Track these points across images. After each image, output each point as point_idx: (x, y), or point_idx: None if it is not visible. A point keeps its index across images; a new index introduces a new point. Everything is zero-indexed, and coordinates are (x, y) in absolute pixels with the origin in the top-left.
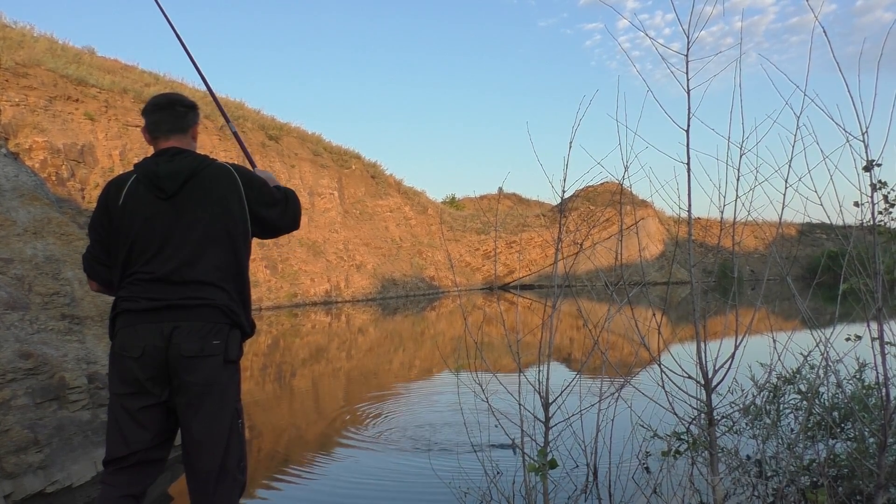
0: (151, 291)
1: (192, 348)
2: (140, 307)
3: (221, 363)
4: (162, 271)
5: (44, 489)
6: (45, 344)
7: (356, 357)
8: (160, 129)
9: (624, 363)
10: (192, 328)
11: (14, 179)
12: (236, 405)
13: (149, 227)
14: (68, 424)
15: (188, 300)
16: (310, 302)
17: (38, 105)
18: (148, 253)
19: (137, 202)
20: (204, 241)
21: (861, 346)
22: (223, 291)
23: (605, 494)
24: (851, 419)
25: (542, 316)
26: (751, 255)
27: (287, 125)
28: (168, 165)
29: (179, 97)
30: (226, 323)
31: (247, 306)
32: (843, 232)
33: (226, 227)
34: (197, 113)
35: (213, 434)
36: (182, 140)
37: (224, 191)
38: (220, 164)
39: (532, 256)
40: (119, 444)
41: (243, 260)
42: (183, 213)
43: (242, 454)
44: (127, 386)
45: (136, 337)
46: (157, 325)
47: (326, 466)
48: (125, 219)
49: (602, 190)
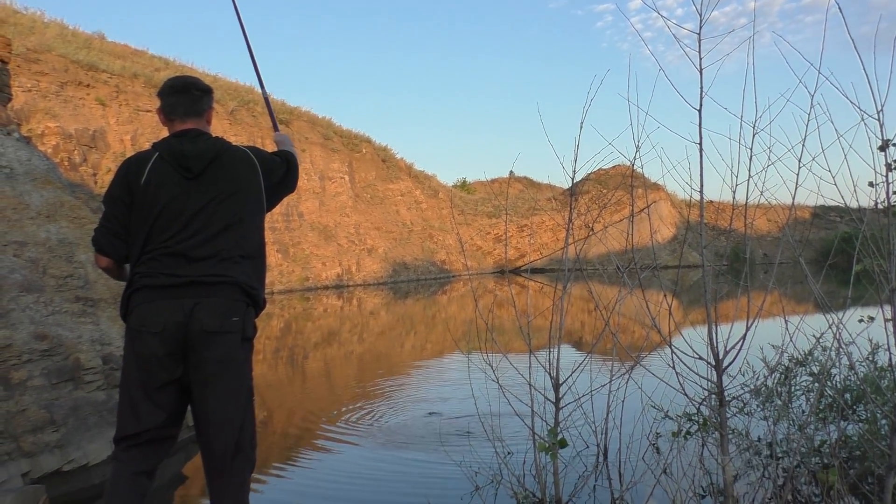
0: (173, 268)
1: (213, 324)
2: (160, 283)
3: (239, 340)
4: (185, 248)
5: (60, 468)
6: (60, 326)
7: (368, 340)
8: (176, 112)
9: (635, 346)
10: (213, 304)
11: (27, 164)
12: (250, 384)
13: (174, 205)
14: (84, 405)
15: (210, 277)
16: (321, 286)
17: (50, 90)
18: (171, 230)
19: (162, 180)
20: (226, 220)
21: (874, 328)
22: (243, 269)
23: (615, 474)
24: (863, 401)
25: (553, 299)
26: (763, 239)
27: (297, 109)
28: (193, 146)
29: (195, 81)
30: (244, 301)
31: (263, 284)
32: (858, 215)
33: (246, 207)
34: (211, 97)
35: (229, 412)
36: (198, 123)
37: (244, 173)
38: (238, 147)
39: (543, 240)
40: (131, 421)
41: (262, 239)
42: (207, 192)
43: (254, 432)
44: (143, 362)
45: (157, 313)
46: (178, 301)
47: (336, 447)
48: (148, 195)
49: (614, 173)
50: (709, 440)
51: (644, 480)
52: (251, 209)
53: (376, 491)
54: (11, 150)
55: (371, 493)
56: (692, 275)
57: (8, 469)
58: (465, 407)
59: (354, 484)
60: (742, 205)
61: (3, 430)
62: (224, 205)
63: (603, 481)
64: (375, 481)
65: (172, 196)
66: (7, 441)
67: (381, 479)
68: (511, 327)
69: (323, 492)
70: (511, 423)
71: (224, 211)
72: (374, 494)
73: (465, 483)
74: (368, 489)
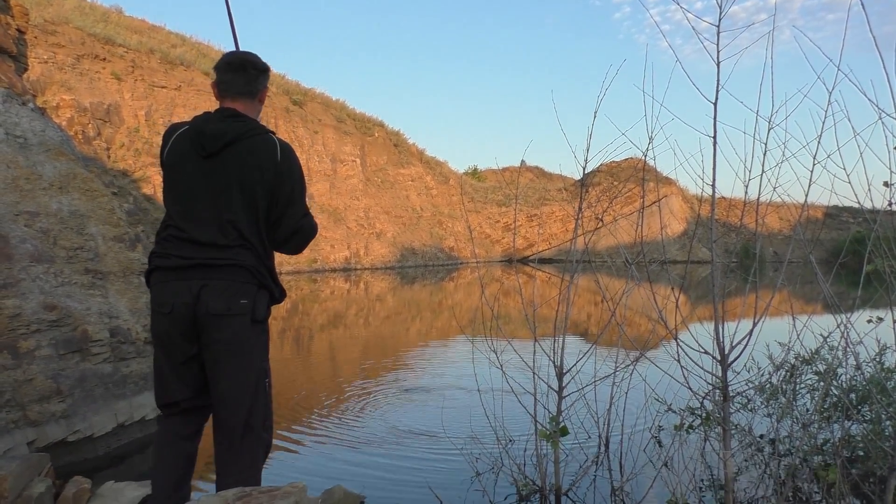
0: (183, 249)
1: (219, 306)
2: (171, 264)
3: (249, 323)
4: (194, 230)
5: (66, 438)
6: (69, 297)
7: (373, 324)
8: (229, 91)
9: (640, 339)
10: (219, 287)
11: (41, 134)
12: (263, 365)
13: (186, 185)
14: (90, 376)
15: (218, 259)
16: (329, 268)
17: (66, 63)
18: (182, 210)
19: (179, 157)
20: (233, 206)
21: (882, 329)
22: (251, 254)
23: (615, 465)
24: (869, 402)
25: (560, 289)
26: (774, 236)
27: (311, 91)
28: (216, 126)
29: (254, 58)
30: (253, 283)
31: (273, 272)
32: (871, 215)
33: (254, 195)
34: (267, 76)
35: (238, 392)
36: (248, 104)
37: (260, 161)
38: (270, 136)
39: (552, 230)
40: (161, 392)
41: (268, 230)
42: (217, 174)
43: (268, 414)
44: (160, 340)
45: (167, 293)
46: (186, 282)
47: (335, 431)
48: (169, 171)
49: (626, 166)
50: (711, 435)
51: (645, 472)
52: (260, 197)
53: (376, 476)
54: (26, 121)
55: (371, 477)
56: (701, 270)
57: (14, 437)
58: (468, 393)
59: (354, 468)
60: (754, 201)
61: (10, 398)
62: (233, 188)
63: (603, 472)
64: (375, 466)
65: (186, 174)
66: (14, 409)
67: (381, 464)
68: (517, 316)
69: (322, 475)
70: (513, 410)
71: (232, 195)
72: (374, 479)
73: (466, 469)
74: (368, 474)
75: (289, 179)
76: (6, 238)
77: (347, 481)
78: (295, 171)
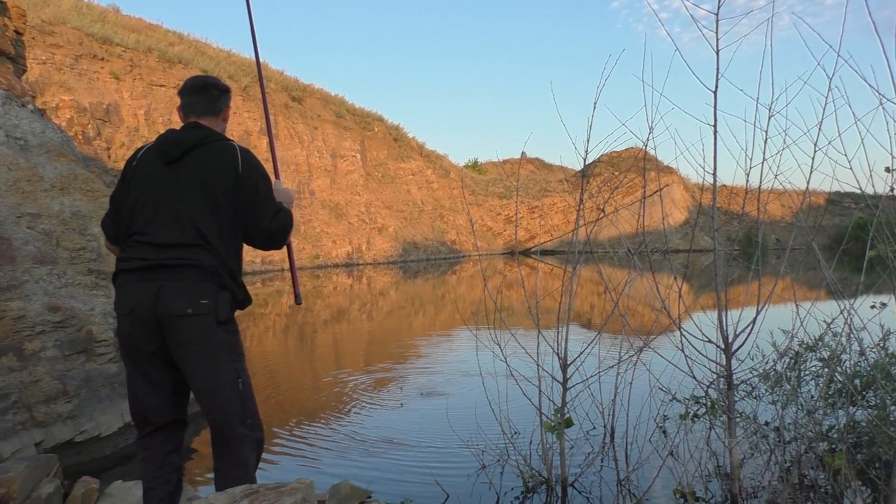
0: (143, 251)
1: (179, 307)
2: (132, 266)
3: (213, 323)
4: (153, 234)
5: (73, 438)
6: (73, 298)
7: (377, 318)
8: (194, 111)
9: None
10: (177, 287)
11: (41, 135)
12: (235, 365)
13: (149, 190)
14: (96, 376)
15: (175, 260)
16: (332, 264)
17: (65, 63)
18: (144, 215)
19: (145, 165)
20: (194, 208)
21: (886, 314)
22: (209, 255)
23: (621, 455)
24: (873, 387)
25: (563, 280)
26: (777, 224)
27: (310, 86)
28: (178, 134)
29: (214, 81)
30: (212, 283)
31: (235, 276)
32: (873, 201)
33: (216, 198)
34: (229, 97)
35: (212, 391)
36: (212, 121)
37: (221, 163)
38: (230, 143)
39: (554, 222)
40: (135, 403)
41: (233, 232)
42: (179, 179)
43: (248, 412)
44: (124, 343)
45: (127, 295)
46: (144, 283)
47: (341, 424)
48: (133, 180)
49: (626, 156)
50: (716, 423)
51: (650, 462)
52: (221, 200)
53: (382, 470)
54: (26, 122)
55: (377, 471)
56: (703, 259)
57: (21, 438)
58: (473, 386)
59: (360, 463)
60: (755, 189)
61: (16, 399)
62: (194, 192)
63: (609, 462)
64: (381, 461)
65: (149, 181)
66: (21, 411)
67: (387, 459)
68: (520, 308)
69: (328, 471)
70: (518, 402)
71: (193, 197)
72: (381, 473)
73: (472, 462)
74: (375, 468)
75: (250, 179)
76: (9, 240)
77: (354, 476)
78: (257, 170)
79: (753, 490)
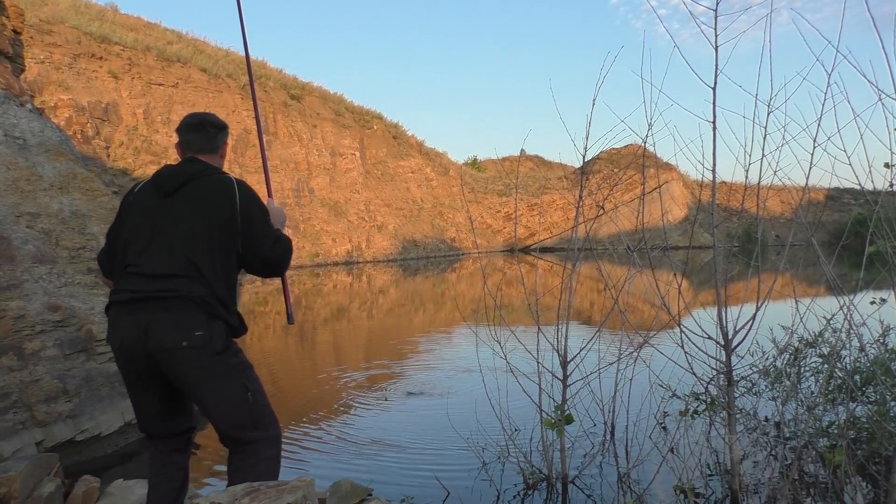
0: (134, 283)
1: (172, 340)
2: (122, 299)
3: (210, 355)
4: (145, 265)
5: (73, 437)
6: (73, 297)
7: (377, 316)
8: (191, 148)
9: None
10: (168, 320)
11: (40, 135)
12: (242, 381)
13: (142, 223)
14: (96, 375)
15: (164, 292)
16: (331, 262)
17: (63, 63)
18: (137, 246)
19: (140, 199)
20: (186, 239)
21: (885, 310)
22: (200, 285)
23: (621, 452)
24: (873, 383)
25: (563, 278)
26: (776, 220)
27: (309, 84)
28: (174, 168)
29: (211, 118)
30: (202, 313)
31: (225, 303)
32: (872, 197)
33: (210, 229)
34: (226, 133)
35: (222, 410)
36: (210, 158)
37: (217, 196)
38: (226, 176)
39: (554, 219)
40: (140, 420)
41: (226, 263)
42: (173, 211)
43: (259, 417)
44: (121, 373)
45: (117, 328)
46: (134, 316)
47: (341, 422)
48: (128, 213)
49: (626, 153)
50: (716, 420)
51: (651, 458)
52: (216, 231)
53: (383, 468)
54: (24, 122)
55: (378, 469)
56: (703, 255)
57: (22, 438)
58: (473, 384)
59: (361, 461)
60: (755, 185)
61: (17, 399)
62: (187, 223)
63: (610, 459)
64: (382, 458)
65: (143, 214)
66: (21, 410)
67: (387, 456)
68: (520, 306)
69: (329, 469)
70: (518, 400)
71: (185, 229)
72: (381, 471)
73: (472, 459)
74: (375, 466)
75: (247, 211)
76: (8, 240)
77: (355, 474)
78: (254, 202)
79: (754, 486)
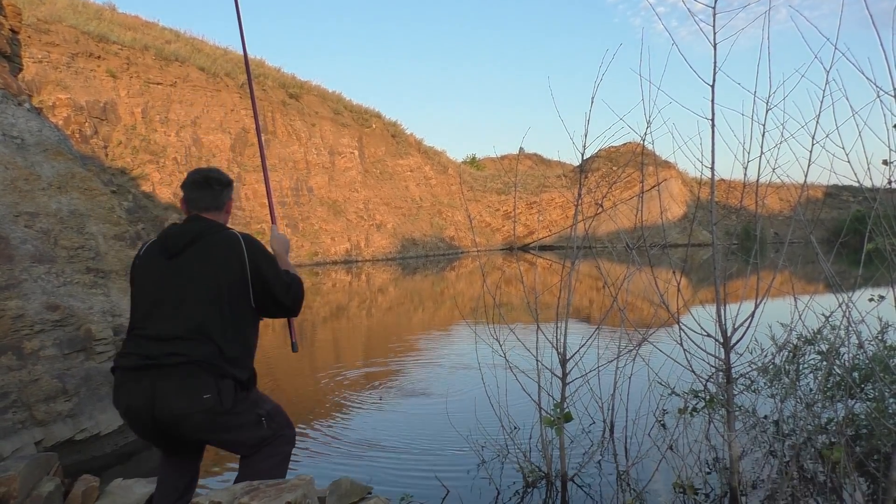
0: (140, 346)
1: (181, 407)
2: (128, 364)
3: (220, 414)
4: (150, 328)
5: (73, 437)
6: (72, 296)
7: (376, 315)
8: (197, 206)
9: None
10: (174, 387)
11: (38, 134)
12: (256, 412)
13: (149, 285)
14: (95, 375)
15: (168, 357)
16: (330, 261)
17: (61, 62)
18: (144, 309)
19: (147, 261)
20: (194, 299)
21: (884, 307)
22: (207, 347)
23: (620, 450)
24: (872, 380)
25: (562, 276)
26: (775, 218)
27: (307, 83)
28: (179, 228)
29: (217, 175)
30: (211, 375)
31: (236, 363)
32: (871, 194)
33: (219, 287)
34: (231, 188)
35: (238, 446)
36: (216, 215)
37: (225, 252)
38: (232, 232)
39: (552, 217)
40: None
41: (239, 321)
42: (180, 272)
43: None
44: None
45: (122, 394)
46: (138, 384)
47: (341, 420)
48: (136, 277)
49: (624, 150)
50: (715, 417)
51: (650, 456)
52: (227, 288)
53: (382, 466)
54: (22, 121)
55: (377, 467)
56: (702, 253)
57: (21, 437)
58: (472, 382)
59: (361, 459)
60: (753, 182)
61: (16, 398)
62: (194, 284)
63: (609, 457)
64: (381, 457)
65: (149, 277)
66: (20, 410)
67: (387, 455)
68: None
69: (328, 467)
70: (518, 398)
71: (193, 289)
72: (381, 469)
73: (472, 457)
74: (375, 464)
75: (256, 265)
76: (7, 239)
77: (354, 472)
78: (261, 254)
79: (752, 483)
